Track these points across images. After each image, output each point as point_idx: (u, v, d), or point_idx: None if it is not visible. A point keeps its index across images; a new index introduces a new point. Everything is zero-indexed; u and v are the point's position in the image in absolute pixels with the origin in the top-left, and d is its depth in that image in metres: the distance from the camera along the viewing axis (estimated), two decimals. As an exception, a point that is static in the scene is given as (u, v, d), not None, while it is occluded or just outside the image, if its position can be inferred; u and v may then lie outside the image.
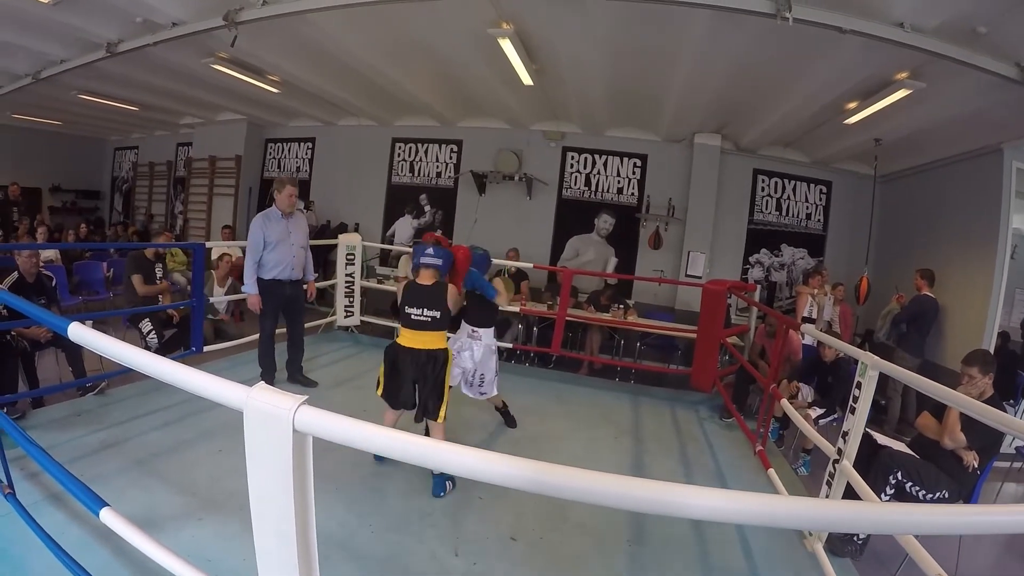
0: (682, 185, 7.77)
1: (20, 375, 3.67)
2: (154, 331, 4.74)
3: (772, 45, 4.34)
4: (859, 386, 2.43)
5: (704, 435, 4.25)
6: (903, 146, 6.18)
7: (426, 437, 0.96)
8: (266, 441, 0.95)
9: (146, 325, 4.72)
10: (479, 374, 3.53)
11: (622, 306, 6.73)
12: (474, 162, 8.53)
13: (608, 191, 8.21)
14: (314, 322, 5.61)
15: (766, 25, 3.78)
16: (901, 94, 4.64)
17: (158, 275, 5.26)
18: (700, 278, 7.24)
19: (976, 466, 2.82)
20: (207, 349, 4.48)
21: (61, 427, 3.12)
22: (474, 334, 3.46)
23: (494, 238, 7.55)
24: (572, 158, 8.31)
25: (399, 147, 9.14)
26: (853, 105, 5.30)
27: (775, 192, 7.86)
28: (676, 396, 5.14)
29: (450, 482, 2.87)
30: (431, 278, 2.87)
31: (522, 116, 7.81)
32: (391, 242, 8.92)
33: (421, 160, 9.02)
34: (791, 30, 3.69)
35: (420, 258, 2.87)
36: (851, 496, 2.43)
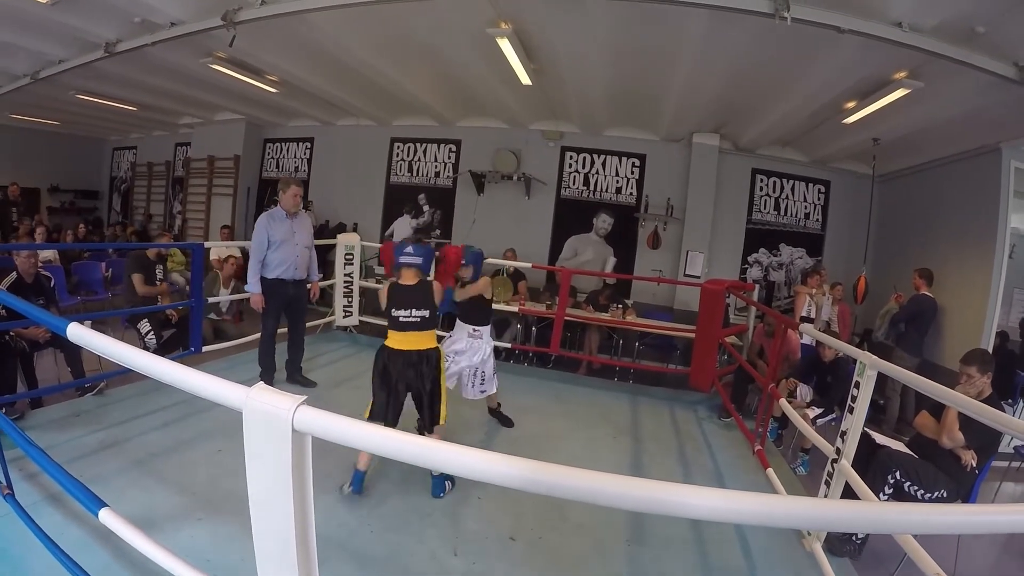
0: (681, 185, 7.77)
1: (19, 375, 3.67)
2: (152, 331, 4.74)
3: (771, 45, 4.34)
4: (857, 385, 2.43)
5: (703, 435, 4.25)
6: (901, 145, 6.19)
7: (424, 437, 0.95)
8: (265, 441, 0.95)
9: (145, 325, 4.72)
10: (480, 372, 3.56)
11: (621, 306, 6.73)
12: (473, 162, 8.52)
13: (607, 191, 8.21)
14: (313, 322, 5.61)
15: (765, 25, 3.78)
16: (899, 94, 4.64)
17: (158, 276, 5.26)
18: (699, 278, 7.25)
19: (974, 465, 2.83)
20: (206, 349, 4.48)
21: (60, 427, 3.11)
22: (475, 333, 3.51)
23: (493, 238, 7.55)
24: (571, 158, 8.31)
25: (398, 147, 9.13)
26: (851, 105, 5.31)
27: (773, 192, 7.86)
28: (675, 396, 5.14)
29: (449, 482, 2.86)
30: (414, 277, 2.83)
31: (521, 116, 7.80)
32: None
33: (420, 160, 9.02)
34: (790, 30, 3.69)
35: (400, 257, 2.83)
36: (850, 495, 2.43)
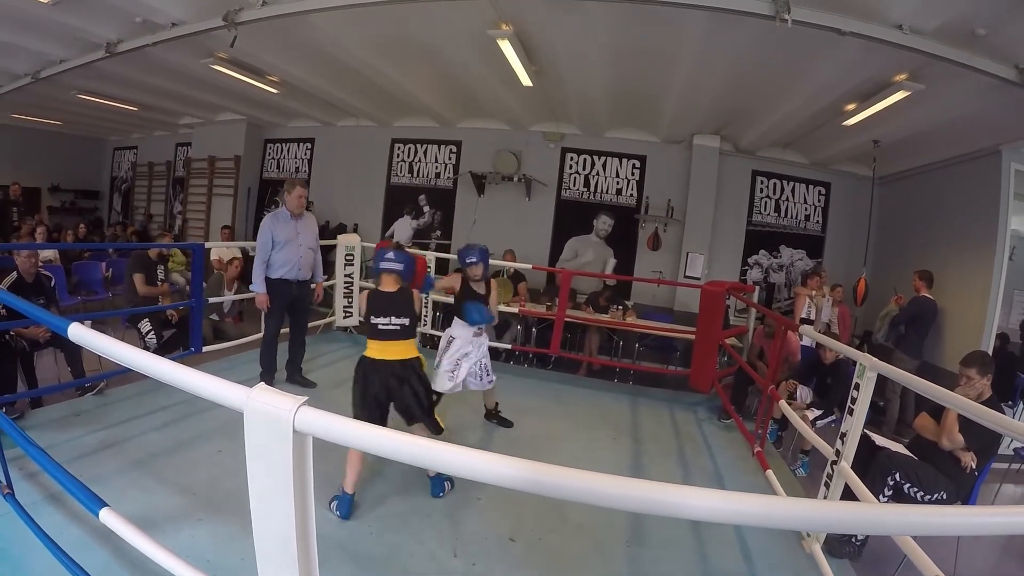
0: (681, 186, 7.78)
1: (19, 375, 3.68)
2: (153, 331, 4.74)
3: (771, 47, 4.35)
4: (857, 387, 2.43)
5: (702, 436, 4.25)
6: (902, 148, 6.19)
7: (425, 438, 0.96)
8: (266, 442, 0.95)
9: (145, 325, 4.73)
10: (484, 364, 3.66)
11: (621, 307, 6.73)
12: (473, 163, 8.53)
13: (607, 192, 8.22)
14: (313, 323, 5.61)
15: (765, 27, 3.78)
16: (900, 96, 4.65)
17: (159, 277, 5.26)
18: (699, 279, 7.25)
19: (974, 467, 2.83)
20: (206, 350, 4.48)
21: (60, 427, 3.11)
22: (478, 331, 3.59)
23: (493, 239, 7.52)
24: (571, 159, 8.32)
25: (398, 148, 9.14)
26: (852, 107, 5.31)
27: (774, 193, 7.87)
28: (675, 397, 5.14)
29: (448, 482, 2.86)
30: (394, 284, 2.73)
31: (521, 117, 7.81)
32: (390, 243, 8.90)
33: (420, 161, 9.02)
34: (790, 32, 3.70)
35: (380, 263, 2.72)
36: (849, 497, 2.43)
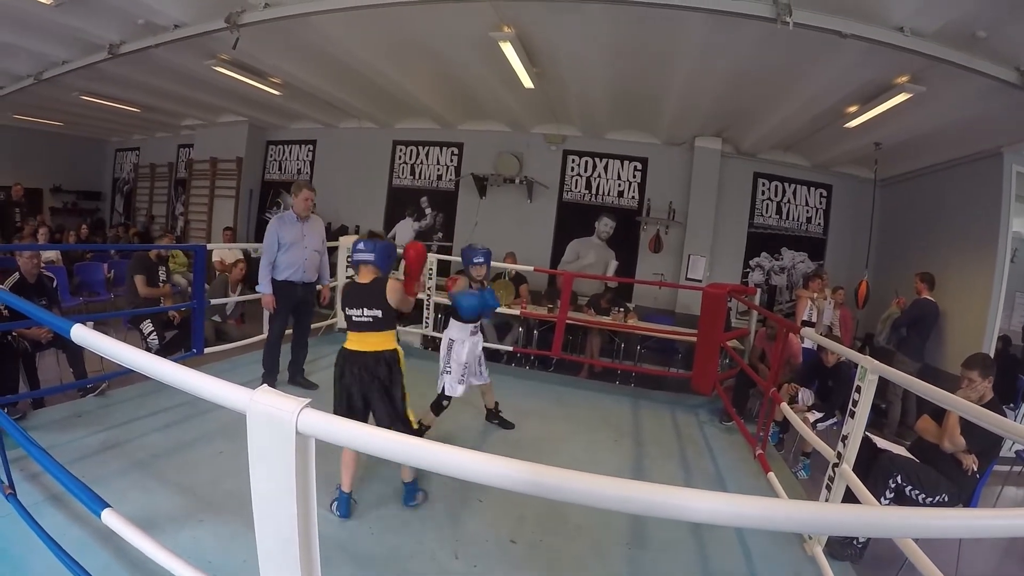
0: (683, 188, 7.78)
1: (21, 376, 3.68)
2: (155, 332, 4.75)
3: (772, 49, 4.35)
4: (859, 390, 2.43)
5: (704, 438, 4.25)
6: (903, 150, 6.19)
7: (426, 440, 0.95)
8: (269, 443, 0.95)
9: (147, 326, 4.73)
10: (480, 358, 3.69)
11: (622, 309, 6.73)
12: (475, 165, 8.54)
13: (609, 194, 8.22)
14: (315, 324, 5.61)
15: (766, 29, 3.79)
16: (901, 98, 4.65)
17: (161, 278, 5.24)
18: (700, 281, 7.24)
19: (976, 470, 2.83)
20: (208, 351, 4.49)
21: (62, 428, 3.12)
22: (475, 330, 3.61)
23: (495, 241, 7.46)
24: (573, 161, 8.32)
25: (400, 149, 9.15)
26: (853, 109, 5.31)
27: (775, 196, 7.86)
28: (676, 399, 5.13)
29: (422, 492, 2.75)
30: (369, 275, 2.67)
31: (523, 119, 7.82)
32: (392, 244, 8.91)
33: (422, 163, 9.03)
34: (791, 34, 3.70)
35: (352, 254, 2.69)
36: (851, 500, 2.43)
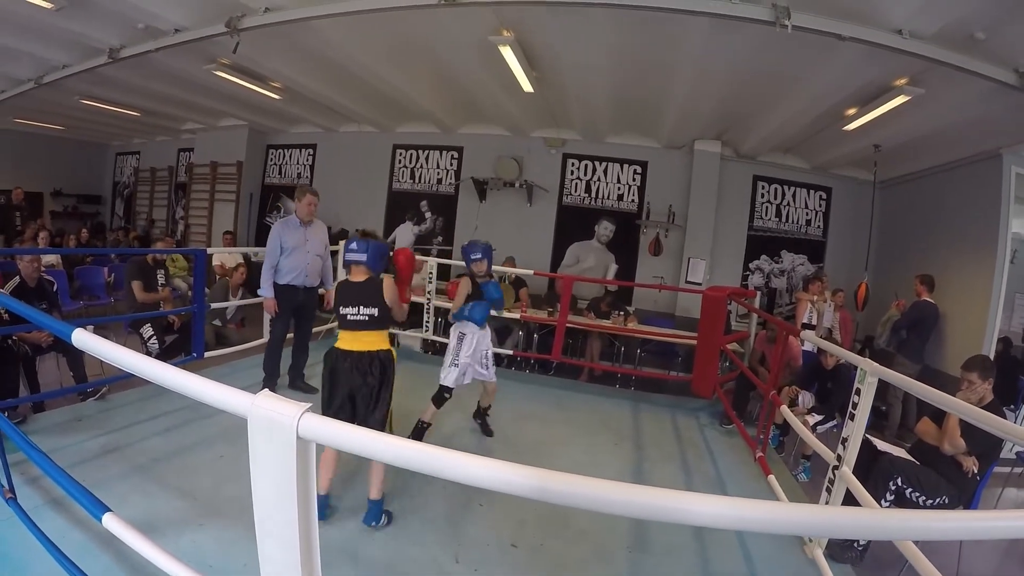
0: (682, 192, 7.79)
1: (21, 379, 3.68)
2: (155, 336, 4.75)
3: (772, 52, 4.36)
4: (858, 392, 2.43)
5: (704, 441, 4.25)
6: (903, 152, 6.20)
7: (427, 444, 0.95)
8: (270, 448, 0.95)
9: (147, 330, 4.74)
10: (490, 354, 3.70)
11: (622, 313, 6.73)
12: (475, 169, 8.54)
13: (608, 198, 8.23)
14: (315, 328, 5.61)
15: (765, 33, 3.80)
16: (900, 100, 4.66)
17: (160, 281, 5.23)
18: (700, 284, 7.25)
19: (976, 471, 2.83)
20: (208, 355, 4.49)
21: (62, 432, 3.12)
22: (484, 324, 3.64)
23: (495, 245, 7.46)
24: (572, 165, 8.33)
25: (400, 153, 9.16)
26: (852, 111, 5.32)
27: (775, 198, 7.87)
28: (676, 402, 5.14)
29: (386, 515, 2.59)
30: (363, 274, 2.69)
31: (523, 123, 7.83)
32: (392, 248, 8.91)
33: (422, 167, 9.04)
34: (790, 37, 3.71)
35: (345, 254, 2.70)
36: (851, 502, 2.43)
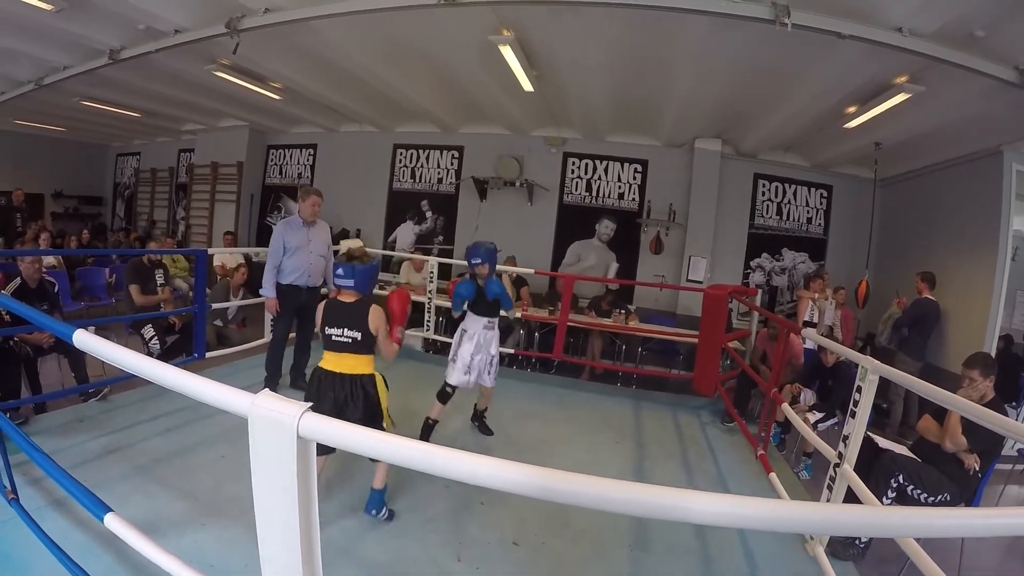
0: (683, 190, 7.78)
1: (23, 381, 3.69)
2: (156, 337, 4.75)
3: (772, 51, 4.36)
4: (859, 390, 2.43)
5: (706, 439, 4.25)
6: (903, 149, 6.19)
7: (429, 443, 0.95)
8: (271, 447, 0.95)
9: (148, 331, 4.74)
10: (494, 360, 3.65)
11: (623, 311, 6.73)
12: (475, 168, 8.55)
13: (609, 196, 8.23)
14: (316, 328, 5.62)
15: (765, 31, 3.79)
16: (900, 98, 4.65)
17: (159, 281, 5.19)
18: (701, 283, 7.24)
19: (977, 469, 2.82)
20: (209, 355, 4.50)
21: (64, 433, 3.12)
22: (489, 324, 3.61)
23: (496, 244, 7.54)
24: (573, 164, 8.33)
25: (400, 153, 9.17)
26: (853, 109, 5.32)
27: (776, 196, 7.86)
28: (678, 401, 5.13)
29: (387, 509, 2.61)
30: (351, 296, 2.60)
31: (523, 122, 7.83)
32: (392, 248, 8.94)
33: (422, 166, 9.05)
34: (790, 35, 3.70)
35: (333, 279, 2.63)
36: (852, 500, 2.43)
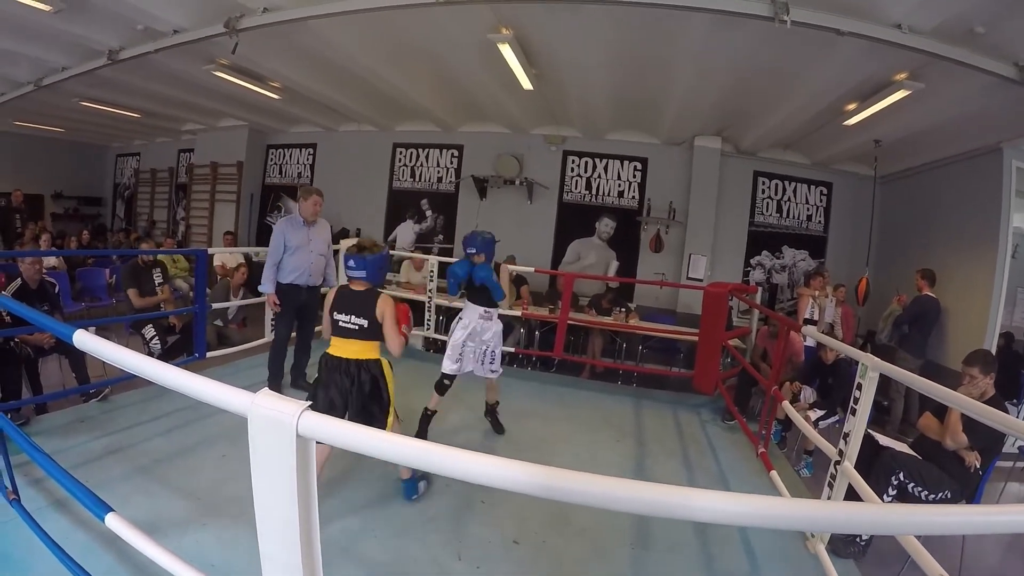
0: (683, 188, 7.78)
1: (24, 381, 3.69)
2: (157, 337, 4.76)
3: (771, 48, 4.35)
4: (860, 387, 2.43)
5: (706, 437, 4.24)
6: (903, 147, 6.18)
7: (437, 444, 0.94)
8: (270, 446, 0.95)
9: (149, 331, 4.74)
10: (491, 351, 3.59)
11: (624, 309, 6.73)
12: (475, 167, 8.55)
13: (609, 195, 8.22)
14: (317, 327, 5.62)
15: (765, 28, 3.79)
16: (900, 95, 4.65)
17: (157, 281, 5.18)
18: (701, 281, 7.24)
19: (978, 466, 2.83)
20: (210, 355, 4.49)
21: (65, 433, 3.12)
22: (487, 314, 3.55)
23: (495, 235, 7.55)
24: (573, 162, 8.33)
25: (400, 152, 9.16)
26: (852, 106, 5.31)
27: (776, 194, 7.86)
28: (678, 399, 5.13)
29: (424, 482, 2.81)
30: (363, 285, 2.72)
31: (522, 121, 7.82)
32: (392, 247, 8.93)
33: (422, 165, 9.04)
34: (790, 33, 3.70)
35: (345, 271, 2.75)
36: (853, 497, 2.42)
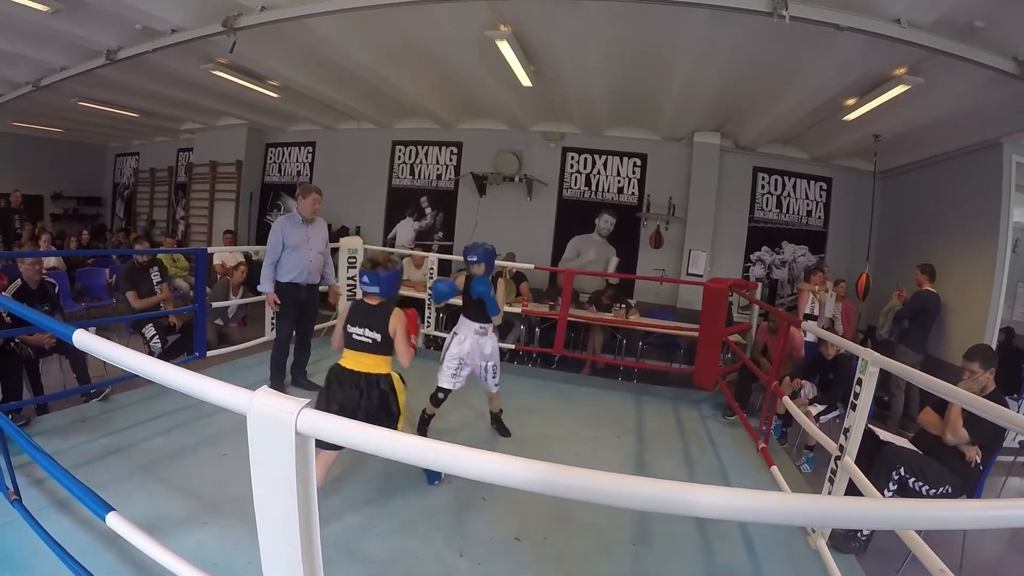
0: (682, 184, 7.77)
1: (25, 382, 3.69)
2: (157, 336, 4.76)
3: (770, 43, 4.35)
4: (860, 382, 2.43)
5: (707, 433, 4.25)
6: (902, 142, 6.17)
7: (436, 440, 0.94)
8: (269, 444, 0.95)
9: (149, 330, 4.75)
10: (492, 366, 3.60)
11: (624, 306, 6.73)
12: (474, 164, 8.54)
13: (608, 191, 8.22)
14: (317, 325, 5.61)
15: (763, 23, 3.78)
16: (899, 90, 4.64)
17: (155, 280, 5.18)
18: (701, 276, 7.24)
19: (979, 461, 2.83)
20: (210, 354, 4.50)
21: (66, 433, 3.13)
22: (481, 330, 3.53)
23: (495, 239, 7.38)
24: (572, 158, 8.32)
25: (399, 150, 9.15)
26: (852, 102, 5.30)
27: (775, 189, 7.85)
28: (679, 395, 5.13)
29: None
30: (377, 300, 2.78)
31: (521, 117, 7.81)
32: (392, 245, 8.94)
33: (421, 162, 9.03)
34: (788, 28, 3.69)
35: (360, 286, 2.81)
36: (854, 492, 2.43)
